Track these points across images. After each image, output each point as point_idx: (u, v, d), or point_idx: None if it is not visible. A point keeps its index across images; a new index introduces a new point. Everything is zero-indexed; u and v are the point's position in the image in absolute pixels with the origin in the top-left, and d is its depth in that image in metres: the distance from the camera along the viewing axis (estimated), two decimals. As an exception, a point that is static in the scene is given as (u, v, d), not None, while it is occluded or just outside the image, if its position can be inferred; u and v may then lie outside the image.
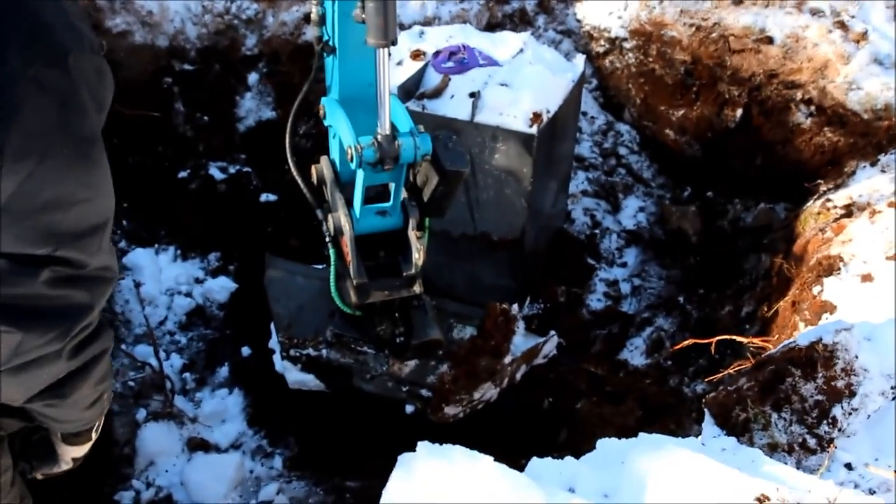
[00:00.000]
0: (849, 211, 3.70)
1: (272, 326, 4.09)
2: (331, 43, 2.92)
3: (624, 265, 5.01)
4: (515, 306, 3.75)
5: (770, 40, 4.86)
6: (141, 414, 4.15)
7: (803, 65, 4.74)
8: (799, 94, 4.78)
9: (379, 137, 2.73)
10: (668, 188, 5.47)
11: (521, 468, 2.05)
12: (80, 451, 2.39)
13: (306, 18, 5.11)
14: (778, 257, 4.03)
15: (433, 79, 4.06)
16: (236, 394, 4.39)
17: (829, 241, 3.52)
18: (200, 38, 5.16)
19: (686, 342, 3.51)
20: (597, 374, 4.11)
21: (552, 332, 4.27)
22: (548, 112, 3.85)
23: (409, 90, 4.00)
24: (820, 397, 2.42)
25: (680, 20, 5.18)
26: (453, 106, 3.89)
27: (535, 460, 2.13)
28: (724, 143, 5.20)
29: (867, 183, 3.91)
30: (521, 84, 3.92)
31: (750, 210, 4.95)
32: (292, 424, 4.25)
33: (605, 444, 2.17)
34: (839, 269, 3.27)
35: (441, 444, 2.09)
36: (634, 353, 4.41)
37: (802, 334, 2.50)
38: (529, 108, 3.81)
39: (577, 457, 2.19)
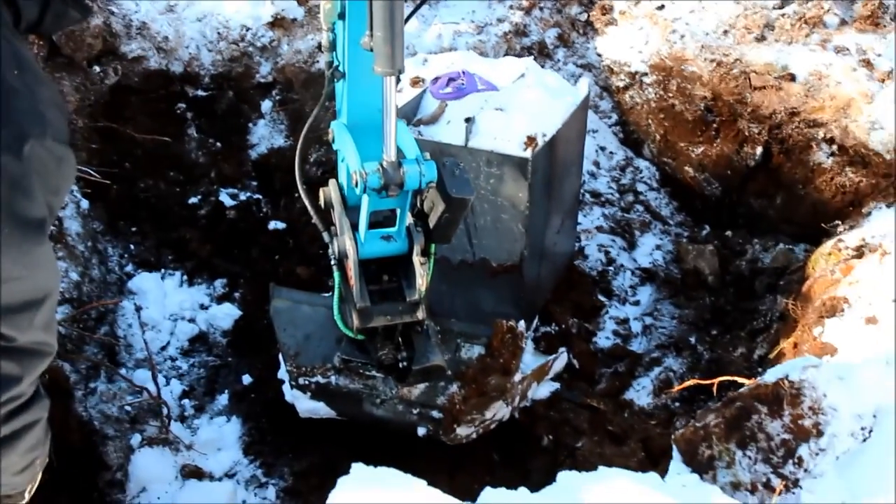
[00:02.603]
0: (860, 252, 3.59)
1: (280, 357, 4.06)
2: (340, 68, 2.96)
3: (637, 303, 4.89)
4: (522, 323, 3.68)
5: (792, 77, 4.76)
6: (136, 439, 4.09)
7: (826, 103, 4.63)
8: (821, 133, 4.66)
9: (384, 164, 2.74)
10: (686, 226, 5.36)
11: None
12: None
13: (320, 47, 5.10)
14: (790, 299, 3.90)
15: (430, 105, 4.07)
16: (234, 422, 4.32)
17: (837, 283, 3.40)
18: (215, 65, 5.19)
19: (688, 382, 3.40)
20: (599, 409, 3.98)
21: (562, 349, 4.23)
22: (544, 136, 3.80)
23: (406, 116, 4.01)
24: (786, 436, 2.33)
25: (701, 55, 5.10)
26: (448, 131, 3.88)
27: (487, 490, 2.10)
28: (743, 182, 5.10)
29: (881, 224, 3.79)
30: (517, 108, 3.89)
31: (769, 251, 4.83)
32: (288, 455, 4.18)
33: (565, 477, 2.13)
34: (843, 310, 3.15)
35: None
36: (641, 393, 4.28)
37: (771, 371, 2.41)
38: (524, 132, 3.78)
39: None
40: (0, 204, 1.60)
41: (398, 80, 2.69)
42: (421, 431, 3.83)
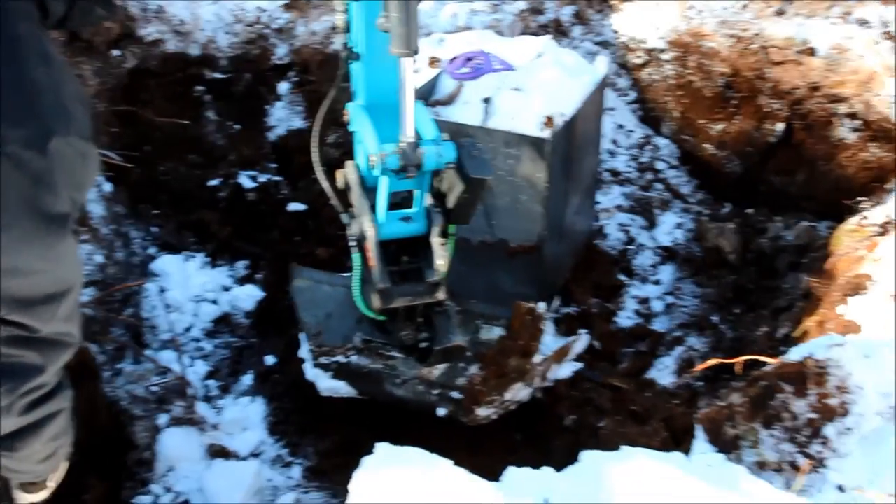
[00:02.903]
0: (884, 229, 3.56)
1: (301, 336, 4.08)
2: (355, 50, 2.96)
3: (657, 282, 4.88)
4: (543, 304, 3.69)
5: (813, 52, 4.72)
6: (162, 419, 4.12)
7: (848, 77, 4.59)
8: (843, 108, 4.63)
9: (402, 145, 2.76)
10: (707, 204, 5.33)
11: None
12: (36, 498, 2.43)
13: (335, 28, 5.10)
14: (813, 276, 3.88)
15: (447, 85, 4.05)
16: (259, 402, 4.35)
17: (861, 260, 3.38)
18: (232, 47, 5.19)
19: (711, 361, 3.39)
20: (622, 389, 3.99)
21: (582, 331, 4.23)
22: (562, 115, 3.79)
23: (423, 97, 3.99)
24: (812, 415, 2.32)
25: (719, 31, 5.05)
26: (465, 112, 3.88)
27: (511, 469, 2.12)
28: (764, 159, 5.06)
29: (907, 200, 3.76)
30: (535, 88, 3.87)
31: (791, 228, 4.79)
32: (313, 434, 4.21)
33: (588, 457, 2.14)
34: (867, 287, 3.13)
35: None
36: (663, 373, 4.28)
37: (795, 349, 2.40)
38: (542, 112, 3.77)
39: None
40: (24, 199, 1.63)
41: (414, 61, 2.69)
42: (441, 412, 3.85)
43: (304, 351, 4.07)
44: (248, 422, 4.27)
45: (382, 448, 2.08)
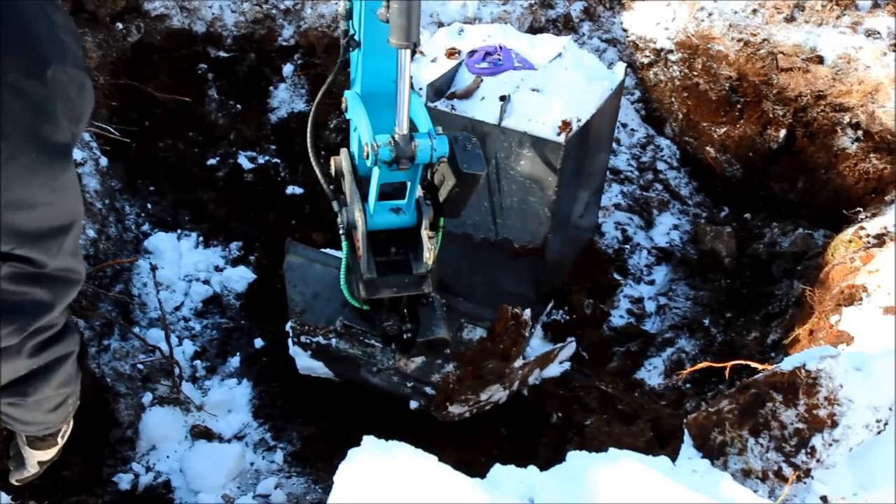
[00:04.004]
0: (881, 240, 3.54)
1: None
2: (356, 38, 2.94)
3: (651, 283, 4.87)
4: (528, 311, 3.67)
5: (820, 60, 4.70)
6: (147, 398, 4.12)
7: (853, 87, 4.57)
8: (847, 118, 4.61)
9: (396, 137, 2.74)
10: (705, 207, 5.32)
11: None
12: (46, 455, 2.41)
13: (343, 12, 5.09)
14: (807, 285, 3.86)
15: (465, 79, 3.99)
16: (245, 385, 4.34)
17: (856, 271, 3.36)
18: (237, 26, 5.16)
19: (700, 365, 3.38)
20: (608, 392, 3.98)
21: (570, 339, 4.20)
22: (578, 121, 3.75)
23: (440, 89, 3.94)
24: (800, 425, 2.31)
25: (728, 34, 5.03)
26: (482, 108, 3.83)
27: (497, 467, 2.11)
28: (765, 164, 5.05)
29: (904, 213, 3.74)
30: (554, 90, 3.82)
31: (788, 235, 4.78)
32: (297, 419, 4.20)
33: (575, 457, 2.13)
34: (861, 299, 3.11)
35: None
36: (652, 374, 4.27)
37: (787, 359, 2.39)
38: (559, 116, 3.72)
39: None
40: (26, 129, 1.61)
41: (413, 53, 2.67)
42: (413, 405, 3.84)
43: (289, 326, 4.08)
44: (233, 404, 4.26)
45: (368, 441, 2.07)
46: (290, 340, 4.04)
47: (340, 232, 3.17)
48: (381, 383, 3.85)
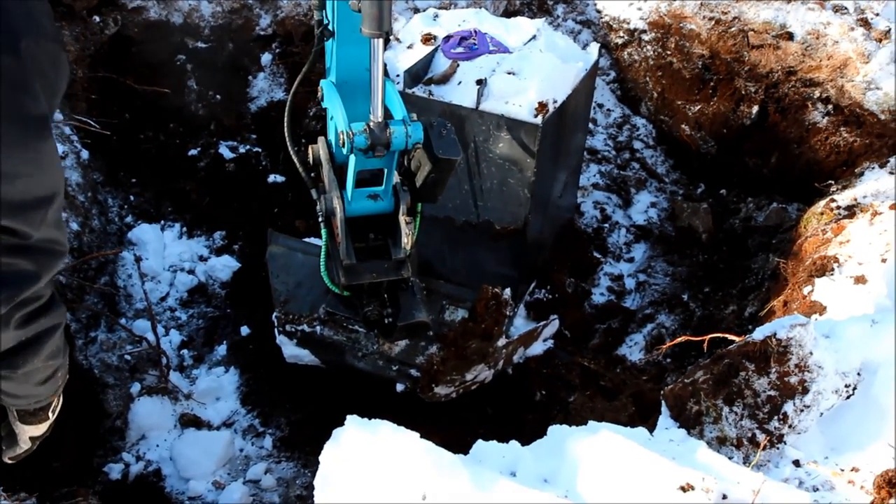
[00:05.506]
0: (851, 212, 3.62)
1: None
2: (330, 27, 2.96)
3: (631, 260, 4.94)
4: (508, 290, 3.73)
5: (790, 36, 4.76)
6: (135, 388, 4.16)
7: (823, 62, 4.64)
8: (817, 93, 4.68)
9: (371, 124, 2.79)
10: (682, 184, 5.39)
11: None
12: (38, 430, 2.44)
13: (318, 1, 5.10)
14: (782, 257, 3.94)
15: (442, 64, 4.04)
16: (232, 372, 4.39)
17: (828, 242, 3.44)
18: (215, 17, 5.18)
19: (679, 339, 3.45)
20: (591, 368, 4.05)
21: (553, 316, 4.27)
22: (554, 102, 3.80)
23: (417, 75, 3.98)
24: (772, 392, 2.38)
25: (699, 13, 5.09)
26: (460, 93, 3.88)
27: (479, 443, 2.16)
28: (739, 141, 5.11)
29: (873, 184, 3.83)
30: (529, 72, 3.87)
31: (763, 209, 4.86)
32: (285, 405, 4.25)
33: (555, 431, 2.20)
34: (832, 269, 3.19)
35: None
36: (633, 349, 4.35)
37: (759, 329, 2.46)
38: (535, 98, 3.78)
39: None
40: (3, 103, 1.62)
41: (386, 42, 2.70)
42: (399, 387, 3.90)
43: (275, 316, 4.12)
44: (221, 392, 4.31)
45: (352, 420, 2.12)
46: (275, 330, 4.09)
47: (320, 219, 3.22)
48: (366, 367, 3.91)
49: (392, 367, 3.84)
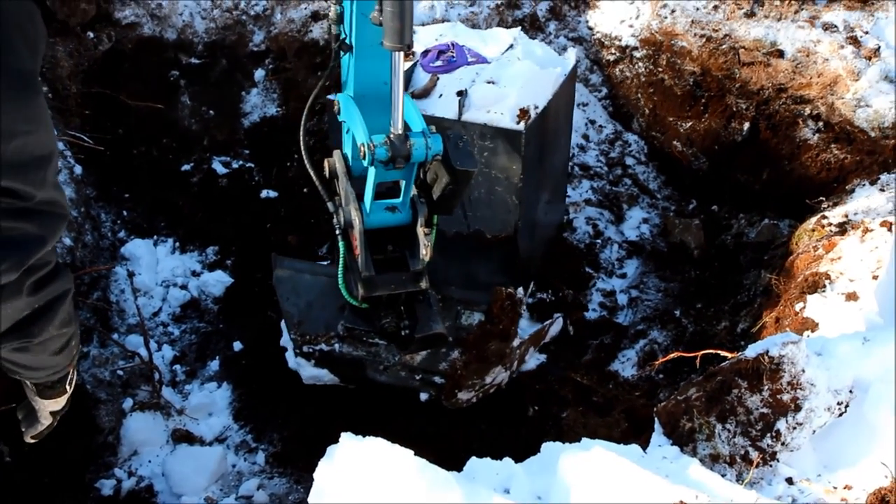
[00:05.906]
0: (843, 229, 3.64)
1: (283, 325, 4.12)
2: (348, 41, 2.97)
3: (623, 276, 4.96)
4: (521, 290, 3.76)
5: (780, 54, 4.80)
6: (128, 403, 4.15)
7: (813, 80, 4.68)
8: (807, 110, 4.71)
9: (392, 137, 2.78)
10: (674, 200, 5.41)
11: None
12: (57, 404, 2.44)
13: (314, 16, 5.12)
14: (773, 273, 3.96)
15: (422, 79, 4.08)
16: (225, 388, 4.39)
17: (819, 259, 3.46)
18: (208, 33, 5.20)
19: (672, 355, 3.46)
20: (583, 384, 4.06)
21: (557, 315, 4.31)
22: (536, 108, 3.86)
23: (398, 90, 4.00)
24: (765, 410, 2.39)
25: (691, 31, 5.12)
26: (441, 105, 3.92)
27: (473, 460, 2.17)
28: (730, 157, 5.14)
29: (864, 201, 3.85)
30: (509, 80, 3.92)
31: (754, 225, 4.88)
32: (277, 421, 4.25)
33: (549, 448, 2.20)
34: (824, 286, 3.21)
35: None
36: (626, 365, 4.36)
37: (751, 346, 2.47)
38: (516, 105, 3.83)
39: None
40: None
41: (407, 55, 2.71)
42: (423, 397, 3.93)
43: (286, 340, 4.11)
44: (213, 407, 4.31)
45: (347, 438, 2.12)
46: (289, 354, 4.08)
47: (337, 232, 3.22)
48: (388, 380, 3.93)
49: (415, 377, 3.87)
